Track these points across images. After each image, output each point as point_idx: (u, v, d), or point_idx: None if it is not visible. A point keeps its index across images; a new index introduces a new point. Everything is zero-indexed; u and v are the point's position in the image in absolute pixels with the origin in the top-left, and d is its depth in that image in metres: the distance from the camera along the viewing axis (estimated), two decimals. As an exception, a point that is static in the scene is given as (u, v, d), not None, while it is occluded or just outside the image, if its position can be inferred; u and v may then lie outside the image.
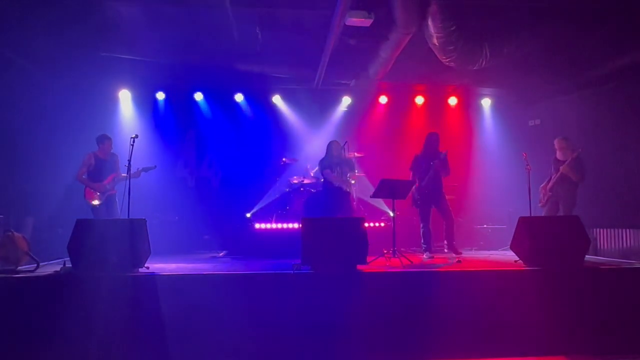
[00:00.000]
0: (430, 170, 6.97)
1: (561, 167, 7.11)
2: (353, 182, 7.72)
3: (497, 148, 9.71)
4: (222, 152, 9.90)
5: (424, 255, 6.91)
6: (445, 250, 7.41)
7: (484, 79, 9.08)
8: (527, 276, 5.31)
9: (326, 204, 7.30)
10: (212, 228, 9.09)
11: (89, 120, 8.25)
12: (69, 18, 6.91)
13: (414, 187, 6.96)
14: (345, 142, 7.24)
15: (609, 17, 6.78)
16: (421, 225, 7.11)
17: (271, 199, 8.97)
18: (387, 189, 6.44)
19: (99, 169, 7.06)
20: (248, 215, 8.65)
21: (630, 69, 7.31)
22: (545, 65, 8.03)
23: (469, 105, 10.25)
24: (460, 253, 7.12)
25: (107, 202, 7.08)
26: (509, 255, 6.50)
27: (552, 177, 7.29)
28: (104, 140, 7.16)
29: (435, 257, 6.95)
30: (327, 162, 7.32)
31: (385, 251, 6.26)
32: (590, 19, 6.91)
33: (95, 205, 7.00)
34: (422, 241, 7.07)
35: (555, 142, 7.35)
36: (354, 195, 7.98)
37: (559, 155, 7.31)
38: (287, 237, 7.52)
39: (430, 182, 7.02)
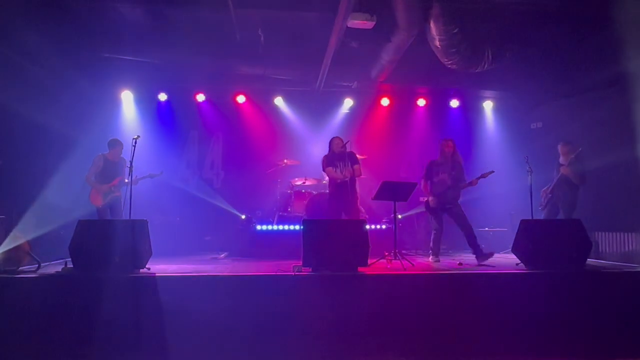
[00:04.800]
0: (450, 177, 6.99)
1: (561, 169, 7.13)
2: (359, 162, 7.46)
3: (499, 151, 9.70)
4: (224, 153, 9.92)
5: (430, 258, 6.93)
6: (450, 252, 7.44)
7: (486, 81, 9.07)
8: (528, 279, 5.31)
9: (331, 202, 7.25)
10: (213, 229, 9.10)
11: (92, 121, 8.27)
12: (71, 19, 6.93)
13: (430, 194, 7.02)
14: (347, 142, 7.19)
15: (611, 20, 6.78)
16: (433, 229, 7.13)
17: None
18: (389, 191, 6.44)
19: (107, 172, 7.13)
20: (242, 216, 8.65)
21: (632, 72, 7.30)
22: (548, 68, 8.02)
23: (471, 107, 10.25)
24: (490, 255, 7.00)
25: (112, 204, 7.13)
26: (511, 258, 6.49)
27: (554, 180, 7.30)
28: (116, 145, 7.24)
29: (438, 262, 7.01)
30: (329, 160, 7.26)
31: (386, 253, 6.25)
32: (592, 22, 6.91)
33: (99, 207, 7.05)
34: (431, 246, 7.10)
35: (559, 146, 7.38)
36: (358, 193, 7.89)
37: (562, 159, 7.33)
38: (288, 239, 7.52)
39: (447, 189, 7.00)
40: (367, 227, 5.73)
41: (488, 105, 10.21)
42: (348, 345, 4.85)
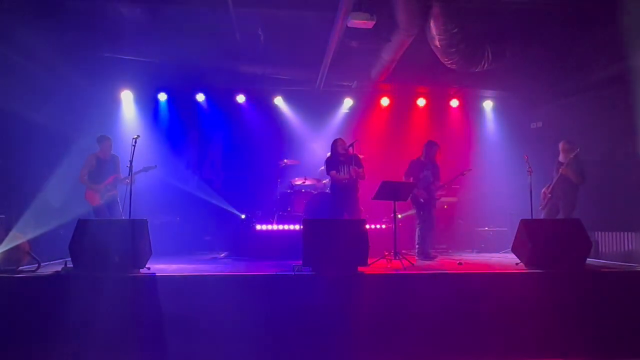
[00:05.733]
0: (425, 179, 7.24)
1: (561, 169, 7.14)
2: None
3: (499, 150, 9.69)
4: (224, 153, 9.91)
5: (416, 258, 6.93)
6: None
7: (486, 81, 9.07)
8: (528, 279, 5.31)
9: (333, 204, 7.27)
10: (213, 229, 9.09)
11: (91, 121, 8.26)
12: (71, 19, 6.93)
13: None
14: (355, 141, 7.21)
15: (612, 19, 6.78)
16: (418, 228, 7.18)
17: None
18: (388, 191, 6.44)
19: (100, 170, 7.11)
20: (242, 216, 8.65)
21: (632, 72, 7.30)
22: (547, 68, 8.02)
23: (470, 107, 10.24)
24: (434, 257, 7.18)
25: (109, 203, 7.11)
26: (510, 258, 6.49)
27: (554, 179, 7.31)
28: (104, 140, 7.21)
29: (434, 259, 7.01)
30: (333, 162, 7.28)
31: (386, 253, 6.25)
32: (592, 22, 6.91)
33: (96, 207, 7.03)
34: (419, 242, 7.16)
35: (560, 144, 7.39)
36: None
37: (561, 157, 7.34)
38: (288, 239, 7.51)
39: (430, 184, 7.21)
40: (367, 226, 5.73)
41: (488, 105, 10.20)
42: (348, 344, 4.86)
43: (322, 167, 8.84)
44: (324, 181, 8.55)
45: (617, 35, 6.73)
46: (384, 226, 8.22)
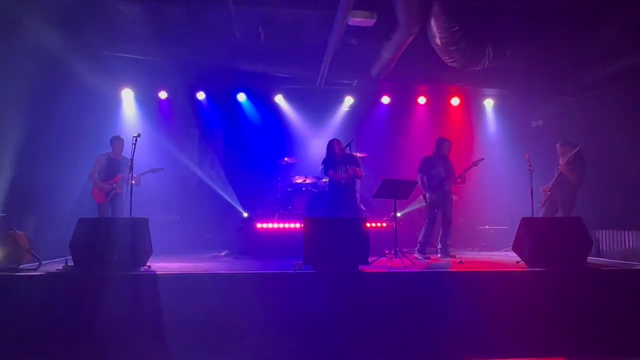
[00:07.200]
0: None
1: (560, 167, 7.13)
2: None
3: (500, 149, 9.68)
4: (225, 151, 9.90)
5: (417, 255, 6.90)
6: (438, 256, 7.39)
7: (487, 79, 9.06)
8: (529, 277, 5.31)
9: (331, 204, 7.28)
10: (213, 227, 9.09)
11: (91, 119, 8.25)
12: (71, 17, 6.92)
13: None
14: (352, 140, 7.20)
15: (613, 18, 6.77)
16: (425, 226, 7.14)
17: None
18: (389, 189, 6.43)
19: (110, 169, 7.20)
20: (245, 214, 8.65)
21: (633, 71, 7.29)
22: (549, 66, 8.01)
23: (471, 105, 10.22)
24: (454, 256, 7.10)
25: (113, 201, 7.17)
26: (511, 256, 6.49)
27: (554, 177, 7.30)
28: (115, 140, 7.34)
29: (432, 257, 6.99)
30: (330, 162, 7.28)
31: (387, 251, 6.25)
32: (593, 20, 6.90)
33: (100, 204, 7.11)
34: (420, 240, 7.11)
35: (557, 147, 7.38)
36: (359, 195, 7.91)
37: (561, 160, 7.32)
38: (289, 237, 7.51)
39: (442, 180, 7.14)
40: (368, 225, 5.73)
41: (489, 103, 10.19)
42: (348, 342, 4.86)
43: (322, 166, 8.85)
44: (324, 179, 8.54)
45: (619, 34, 6.73)
46: (384, 224, 8.21)
